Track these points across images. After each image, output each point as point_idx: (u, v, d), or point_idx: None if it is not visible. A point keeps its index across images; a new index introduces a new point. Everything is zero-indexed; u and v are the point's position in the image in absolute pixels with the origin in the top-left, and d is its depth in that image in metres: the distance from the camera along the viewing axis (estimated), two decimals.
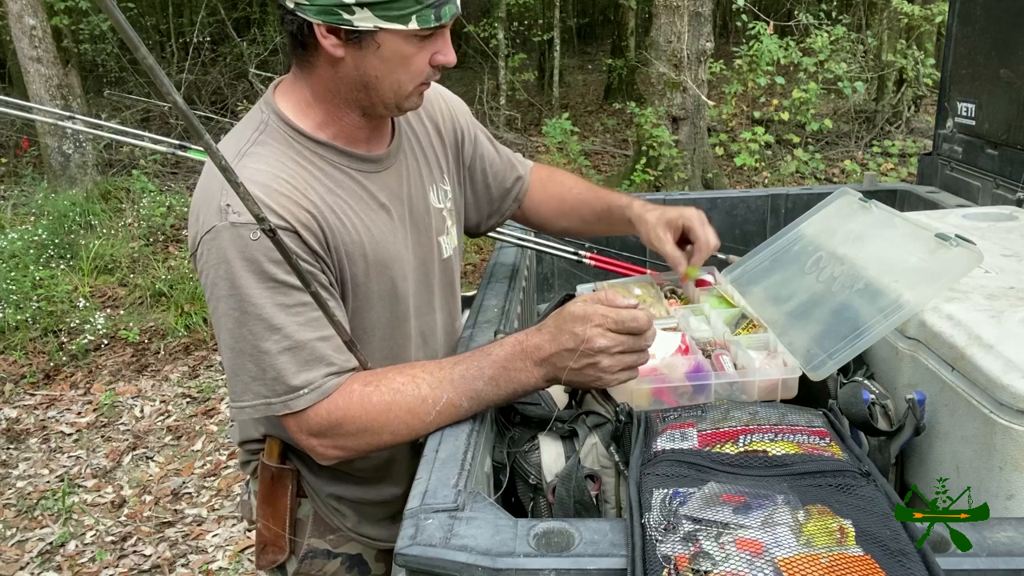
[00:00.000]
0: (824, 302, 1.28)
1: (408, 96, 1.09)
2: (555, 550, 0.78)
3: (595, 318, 0.97)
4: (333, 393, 1.01)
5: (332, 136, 1.12)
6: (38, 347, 4.39)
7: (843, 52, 7.16)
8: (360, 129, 1.14)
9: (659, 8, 6.03)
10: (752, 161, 6.01)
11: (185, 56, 8.88)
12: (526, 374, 0.99)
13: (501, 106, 8.81)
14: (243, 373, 1.01)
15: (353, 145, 1.14)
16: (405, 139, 1.23)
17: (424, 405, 0.99)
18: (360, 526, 1.32)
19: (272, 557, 1.30)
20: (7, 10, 6.45)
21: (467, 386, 0.99)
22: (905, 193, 2.41)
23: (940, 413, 1.09)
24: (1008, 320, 1.08)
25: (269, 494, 1.26)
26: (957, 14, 2.37)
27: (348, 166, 1.13)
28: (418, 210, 1.21)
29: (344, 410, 1.00)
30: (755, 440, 0.97)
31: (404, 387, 1.00)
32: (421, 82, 1.08)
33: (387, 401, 0.99)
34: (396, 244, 1.16)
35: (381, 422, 1.00)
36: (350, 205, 1.11)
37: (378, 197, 1.15)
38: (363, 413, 1.00)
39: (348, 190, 1.12)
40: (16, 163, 7.74)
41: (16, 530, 3.01)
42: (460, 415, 1.00)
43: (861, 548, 0.75)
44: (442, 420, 0.99)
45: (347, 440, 1.03)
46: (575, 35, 14.37)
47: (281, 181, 1.02)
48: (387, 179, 1.17)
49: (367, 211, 1.13)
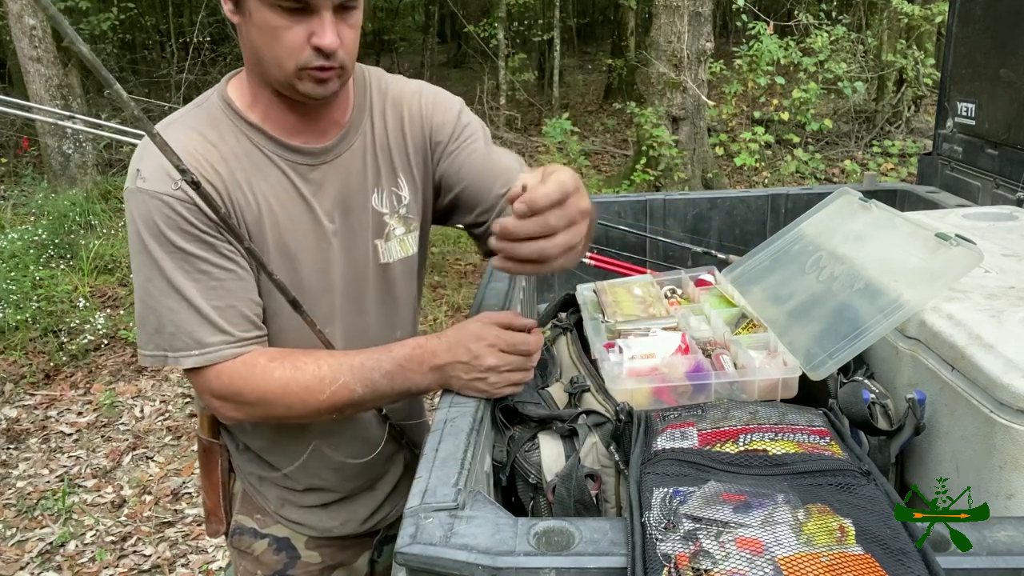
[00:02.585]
0: (824, 302, 1.28)
1: (296, 77, 1.03)
2: (555, 549, 0.78)
3: (489, 338, 1.04)
4: (237, 362, 1.06)
5: (261, 118, 1.12)
6: (38, 347, 4.39)
7: (843, 52, 7.17)
8: (288, 114, 1.11)
9: (659, 8, 6.03)
10: (752, 161, 6.01)
11: (185, 56, 8.89)
12: (420, 376, 1.06)
13: (501, 106, 8.81)
14: (147, 324, 1.08)
15: (283, 133, 1.13)
16: (360, 135, 1.19)
17: (320, 384, 1.05)
18: (283, 509, 1.31)
19: (215, 527, 1.36)
20: (7, 10, 6.46)
21: (364, 375, 1.05)
22: (905, 193, 2.41)
23: (940, 413, 1.09)
24: (1008, 320, 1.08)
25: (204, 466, 1.33)
26: (957, 14, 2.38)
27: (274, 152, 1.12)
28: (354, 210, 1.18)
29: (246, 380, 1.06)
30: (755, 439, 0.97)
31: (305, 366, 1.06)
32: (304, 64, 1.02)
33: (287, 377, 1.05)
34: (308, 237, 1.14)
35: (278, 396, 1.05)
36: (262, 186, 1.11)
37: (300, 189, 1.14)
38: (263, 385, 1.05)
39: (265, 173, 1.12)
40: (16, 163, 7.74)
41: (16, 530, 3.01)
42: (353, 400, 1.06)
43: (861, 547, 0.75)
44: (335, 401, 1.05)
45: (245, 408, 1.09)
46: (575, 35, 14.38)
47: (191, 151, 1.06)
48: (318, 174, 1.15)
49: (282, 197, 1.12)
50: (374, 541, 1.42)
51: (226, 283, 1.07)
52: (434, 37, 11.89)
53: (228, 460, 1.32)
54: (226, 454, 1.32)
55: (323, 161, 1.15)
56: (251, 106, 1.12)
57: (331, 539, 1.35)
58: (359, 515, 1.36)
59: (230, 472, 1.33)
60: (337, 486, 1.32)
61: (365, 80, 1.22)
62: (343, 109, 1.17)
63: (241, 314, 1.08)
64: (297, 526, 1.33)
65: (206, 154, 1.07)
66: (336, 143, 1.16)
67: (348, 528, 1.35)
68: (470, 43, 9.98)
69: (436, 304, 5.04)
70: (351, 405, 1.07)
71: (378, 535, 1.42)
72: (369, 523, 1.38)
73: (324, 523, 1.33)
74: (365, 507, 1.36)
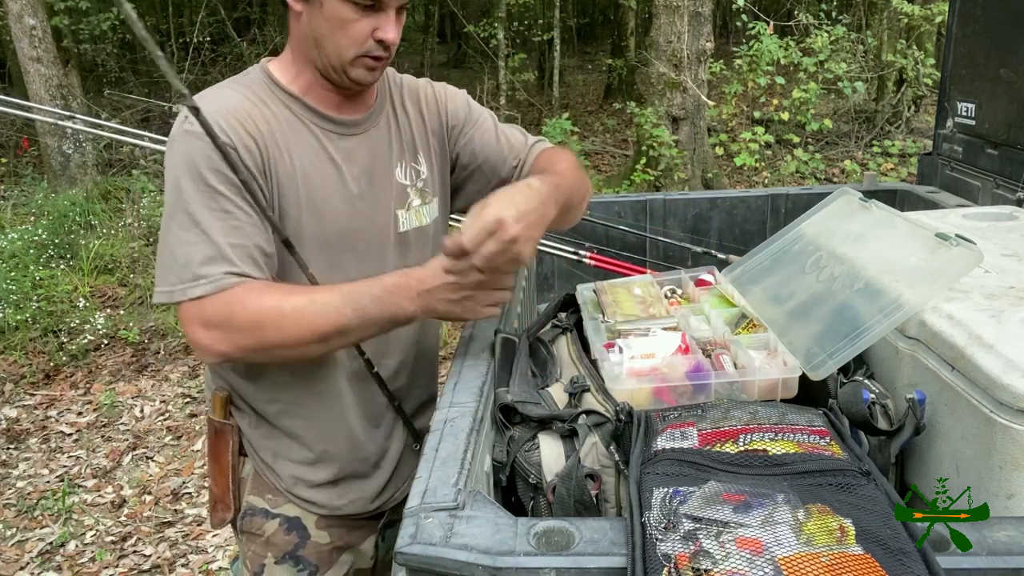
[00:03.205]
0: (824, 302, 1.28)
1: (351, 64, 1.17)
2: (555, 549, 0.78)
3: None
4: (234, 290, 1.10)
5: (302, 91, 1.23)
6: (38, 347, 4.39)
7: (843, 52, 7.17)
8: (330, 93, 1.24)
9: (659, 8, 6.03)
10: (752, 161, 6.01)
11: (185, 56, 8.89)
12: (407, 302, 1.11)
13: (501, 106, 8.81)
14: (163, 264, 1.13)
15: (320, 105, 1.24)
16: (384, 116, 1.32)
17: (312, 306, 1.10)
18: (295, 487, 1.34)
19: (221, 515, 1.36)
20: (7, 10, 6.46)
21: (354, 299, 1.10)
22: (905, 193, 2.41)
23: (940, 413, 1.09)
24: (1008, 320, 1.08)
25: (214, 450, 1.35)
26: (957, 14, 2.38)
27: (310, 120, 1.23)
28: (379, 179, 1.29)
29: (241, 303, 1.09)
30: (755, 439, 0.97)
31: (297, 292, 1.12)
32: (364, 53, 1.16)
33: (279, 300, 1.10)
34: (334, 197, 1.23)
35: (271, 317, 1.09)
36: (297, 147, 1.21)
37: (331, 153, 1.24)
38: (257, 307, 1.09)
39: (301, 136, 1.22)
40: (16, 163, 7.74)
41: (16, 530, 3.01)
42: (342, 324, 1.09)
43: (861, 547, 0.75)
44: (325, 325, 1.09)
45: (235, 336, 1.10)
46: (575, 35, 14.38)
47: (236, 108, 1.16)
48: (348, 143, 1.26)
49: (313, 159, 1.22)
50: (379, 524, 1.44)
51: (244, 226, 1.13)
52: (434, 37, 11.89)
53: (239, 442, 1.35)
54: (237, 436, 1.34)
55: (353, 132, 1.27)
56: (293, 81, 1.24)
57: (340, 518, 1.37)
58: (367, 492, 1.38)
59: (240, 455, 1.35)
60: (348, 454, 1.34)
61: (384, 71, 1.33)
62: (372, 93, 1.31)
63: (250, 255, 1.13)
64: (308, 504, 1.35)
65: (250, 111, 1.17)
66: (366, 118, 1.29)
67: (357, 507, 1.37)
68: (470, 43, 9.99)
69: None
70: (340, 331, 1.11)
71: (383, 518, 1.44)
72: (376, 502, 1.40)
73: (334, 501, 1.35)
74: (372, 484, 1.38)
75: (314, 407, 1.31)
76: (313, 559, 1.36)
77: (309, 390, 1.30)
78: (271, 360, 1.22)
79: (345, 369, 1.30)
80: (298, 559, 1.35)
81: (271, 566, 1.35)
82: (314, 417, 1.31)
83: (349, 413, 1.32)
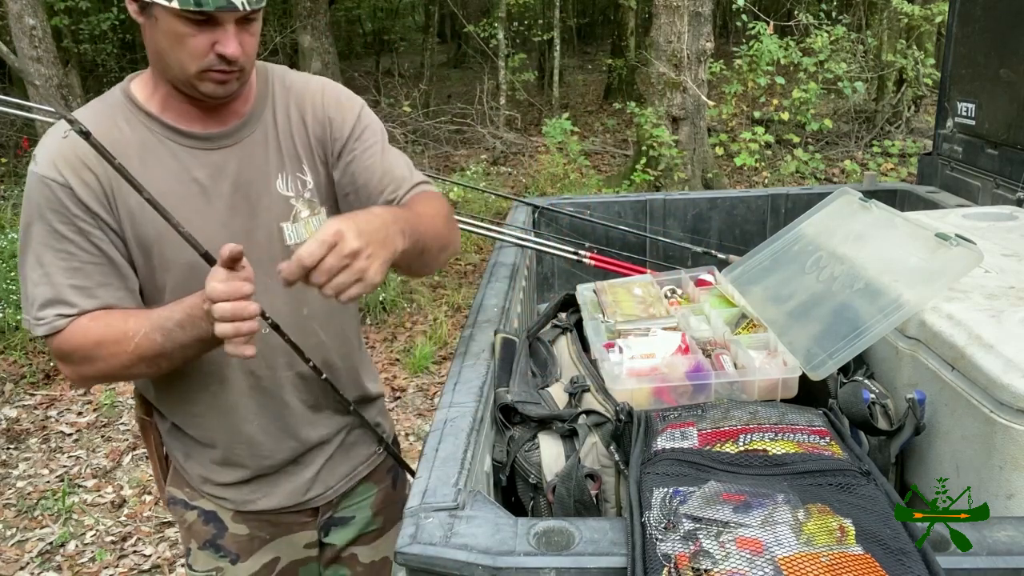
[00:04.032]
0: (824, 302, 1.28)
1: (197, 78, 1.12)
2: (555, 549, 0.78)
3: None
4: (69, 327, 1.16)
5: (160, 109, 1.20)
6: (38, 347, 4.39)
7: (843, 52, 7.16)
8: (187, 106, 1.19)
9: (659, 8, 6.03)
10: (752, 161, 6.01)
11: None
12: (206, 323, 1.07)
13: (501, 106, 8.81)
14: (22, 297, 1.20)
15: (180, 122, 1.20)
16: (262, 124, 1.25)
17: (127, 335, 1.12)
18: (204, 485, 1.36)
19: (161, 497, 1.45)
20: (7, 10, 6.46)
21: (161, 324, 1.11)
22: (905, 193, 2.41)
23: (940, 413, 1.09)
24: (1008, 320, 1.08)
25: (144, 442, 1.44)
26: (957, 14, 2.38)
27: (170, 139, 1.20)
28: (254, 193, 1.24)
29: (72, 341, 1.16)
30: (755, 439, 0.97)
31: (115, 322, 1.15)
32: (206, 68, 1.11)
33: (100, 333, 1.14)
34: (197, 218, 1.19)
35: (94, 349, 1.15)
36: (156, 171, 1.18)
37: (193, 173, 1.20)
38: (84, 342, 1.15)
39: (159, 159, 1.19)
40: (16, 163, 7.74)
41: (16, 530, 3.01)
42: (156, 349, 1.12)
43: (861, 547, 0.75)
44: (141, 350, 1.12)
45: (79, 366, 1.18)
46: (575, 35, 14.38)
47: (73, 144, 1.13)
48: (214, 157, 1.21)
49: (172, 183, 1.19)
50: (319, 520, 1.42)
51: (86, 267, 1.16)
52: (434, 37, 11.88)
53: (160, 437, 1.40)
54: (157, 431, 1.40)
55: (221, 145, 1.22)
56: (150, 98, 1.21)
57: (257, 513, 1.38)
58: (285, 489, 1.38)
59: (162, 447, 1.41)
60: (252, 461, 1.34)
61: (268, 75, 1.29)
62: (243, 100, 1.24)
63: (91, 294, 1.16)
64: (221, 500, 1.37)
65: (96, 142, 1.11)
66: (235, 129, 1.23)
67: (274, 502, 1.37)
68: (470, 43, 9.99)
69: (436, 304, 5.04)
70: (160, 354, 1.12)
71: (325, 514, 1.43)
72: (297, 498, 1.38)
73: (245, 497, 1.37)
74: (292, 482, 1.38)
75: (210, 418, 1.31)
76: (233, 548, 1.39)
77: (204, 404, 1.30)
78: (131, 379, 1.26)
79: (238, 383, 1.28)
80: (218, 547, 1.39)
81: (195, 551, 1.40)
82: (212, 428, 1.32)
83: (246, 424, 1.31)
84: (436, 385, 4.07)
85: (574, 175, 6.65)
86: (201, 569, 1.40)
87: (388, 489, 1.49)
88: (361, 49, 13.03)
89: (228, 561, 1.39)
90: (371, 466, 1.46)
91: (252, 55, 1.15)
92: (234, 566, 1.39)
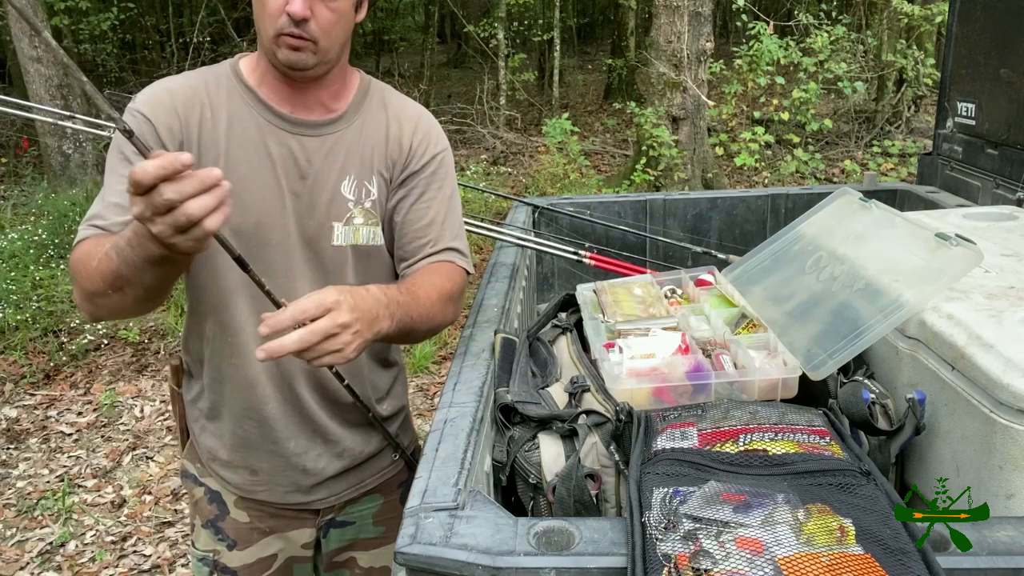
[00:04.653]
0: (824, 302, 1.28)
1: (275, 43, 1.17)
2: (555, 549, 0.78)
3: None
4: (87, 240, 1.18)
5: (257, 83, 1.26)
6: (38, 347, 4.39)
7: (843, 52, 7.16)
8: (279, 83, 1.25)
9: (659, 8, 6.03)
10: (752, 161, 6.02)
11: (185, 56, 8.89)
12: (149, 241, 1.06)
13: (501, 106, 8.81)
14: None
15: (271, 99, 1.25)
16: (346, 127, 1.29)
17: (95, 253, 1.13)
18: (212, 463, 1.40)
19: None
20: (7, 10, 6.46)
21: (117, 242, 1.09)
22: (905, 193, 2.41)
23: (940, 413, 1.09)
24: (1008, 320, 1.08)
25: (173, 415, 1.49)
26: (957, 14, 2.38)
27: (256, 110, 1.25)
28: (318, 186, 1.27)
29: (75, 254, 1.18)
30: (755, 439, 0.97)
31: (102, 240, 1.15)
32: (280, 31, 1.15)
33: (88, 248, 1.16)
34: (254, 187, 1.23)
35: (77, 265, 1.16)
36: (238, 134, 1.23)
37: (268, 147, 1.24)
38: (79, 256, 1.17)
39: (241, 123, 1.24)
40: (16, 163, 7.74)
41: (16, 530, 3.01)
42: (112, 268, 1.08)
43: (861, 547, 0.75)
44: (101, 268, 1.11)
45: (75, 286, 1.19)
46: (575, 35, 14.38)
47: (172, 90, 1.23)
48: (291, 141, 1.25)
49: (244, 146, 1.23)
50: (318, 521, 1.43)
51: None
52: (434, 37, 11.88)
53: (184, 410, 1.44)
54: (181, 403, 1.43)
55: (300, 132, 1.26)
56: (252, 72, 1.27)
57: (259, 503, 1.39)
58: (290, 487, 1.38)
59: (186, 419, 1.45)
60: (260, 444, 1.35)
61: (369, 87, 1.34)
62: (336, 96, 1.28)
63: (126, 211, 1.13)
64: (225, 483, 1.39)
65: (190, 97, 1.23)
66: (320, 123, 1.27)
67: (276, 496, 1.38)
68: (470, 43, 9.99)
69: None
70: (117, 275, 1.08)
71: (326, 516, 1.43)
72: (299, 497, 1.39)
73: (248, 485, 1.38)
74: (293, 481, 1.38)
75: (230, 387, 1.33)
76: (232, 534, 1.40)
77: (227, 373, 1.32)
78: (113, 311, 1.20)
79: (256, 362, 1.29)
80: (218, 529, 1.41)
81: (199, 528, 1.43)
82: (230, 399, 1.34)
83: (262, 405, 1.32)
84: (436, 385, 4.07)
85: (574, 175, 6.65)
86: (201, 548, 1.43)
87: (395, 502, 1.48)
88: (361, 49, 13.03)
89: (225, 546, 1.41)
90: (382, 478, 1.46)
91: (329, 30, 1.18)
92: (230, 552, 1.41)
